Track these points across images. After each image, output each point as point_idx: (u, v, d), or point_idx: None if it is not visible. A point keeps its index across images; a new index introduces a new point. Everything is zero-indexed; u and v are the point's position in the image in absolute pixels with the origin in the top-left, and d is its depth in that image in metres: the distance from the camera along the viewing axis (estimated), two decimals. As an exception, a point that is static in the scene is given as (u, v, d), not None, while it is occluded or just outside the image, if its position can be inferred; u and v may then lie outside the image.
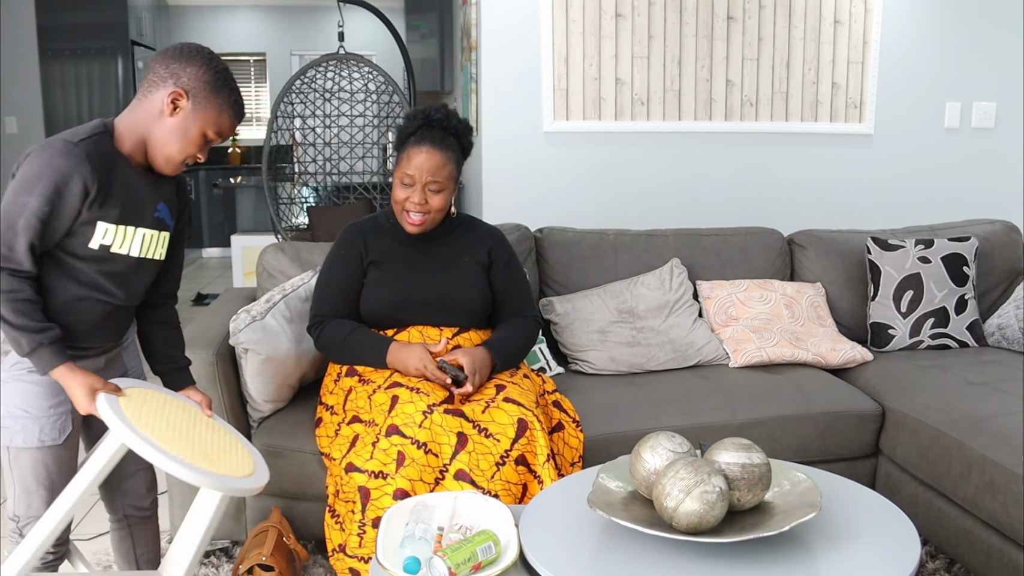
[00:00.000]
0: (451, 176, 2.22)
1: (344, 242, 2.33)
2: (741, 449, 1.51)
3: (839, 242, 3.09)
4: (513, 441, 1.98)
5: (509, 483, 1.95)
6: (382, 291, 2.26)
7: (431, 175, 2.18)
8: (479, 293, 2.30)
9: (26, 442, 1.65)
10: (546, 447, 2.00)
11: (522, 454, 1.98)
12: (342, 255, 2.31)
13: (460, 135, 2.26)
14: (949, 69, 3.79)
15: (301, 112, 4.91)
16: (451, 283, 2.28)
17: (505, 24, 3.46)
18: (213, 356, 2.27)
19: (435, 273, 2.29)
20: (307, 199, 5.44)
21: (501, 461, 1.95)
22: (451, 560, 1.45)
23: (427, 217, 2.22)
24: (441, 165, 2.18)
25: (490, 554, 1.49)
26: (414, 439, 1.94)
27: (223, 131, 1.66)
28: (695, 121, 3.63)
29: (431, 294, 2.26)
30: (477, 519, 1.64)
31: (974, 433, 2.19)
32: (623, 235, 3.01)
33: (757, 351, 2.71)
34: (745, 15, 3.58)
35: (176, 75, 1.61)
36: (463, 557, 1.46)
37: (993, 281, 3.10)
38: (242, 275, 5.29)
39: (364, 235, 2.32)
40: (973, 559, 2.18)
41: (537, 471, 2.00)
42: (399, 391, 2.05)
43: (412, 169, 2.18)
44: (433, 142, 2.18)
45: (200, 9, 8.76)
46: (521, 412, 2.02)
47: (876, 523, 1.57)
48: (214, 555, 2.39)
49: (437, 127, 2.22)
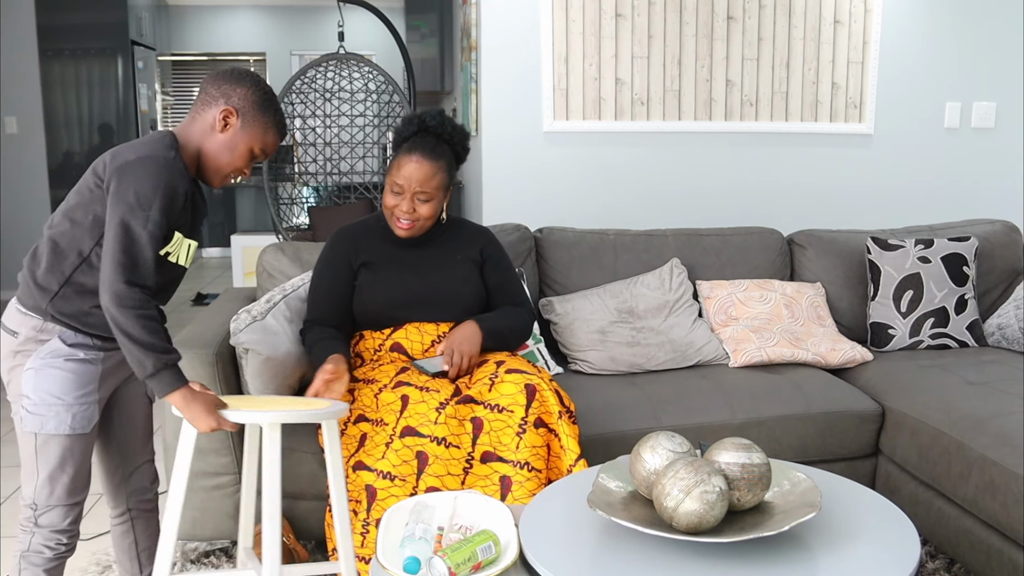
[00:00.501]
0: (440, 186, 2.22)
1: (333, 246, 2.34)
2: (741, 449, 1.51)
3: (839, 242, 3.09)
4: (526, 407, 2.01)
5: (535, 447, 1.98)
6: (376, 291, 2.28)
7: (419, 185, 2.18)
8: (472, 288, 2.32)
9: (57, 429, 1.70)
10: (556, 404, 2.04)
11: (538, 416, 2.02)
12: (330, 259, 2.33)
13: (455, 142, 2.27)
14: (949, 69, 3.79)
15: (301, 112, 4.92)
16: (444, 279, 2.30)
17: (505, 24, 3.46)
18: (213, 356, 2.27)
19: (428, 270, 2.30)
20: (307, 199, 5.44)
21: (521, 430, 1.98)
22: (451, 560, 1.45)
23: (416, 224, 2.24)
24: (430, 175, 2.19)
25: (490, 554, 1.49)
26: (433, 436, 1.96)
27: (267, 148, 1.79)
28: (695, 121, 3.63)
29: (425, 291, 2.28)
30: (477, 519, 1.64)
31: (974, 433, 2.19)
32: (623, 235, 3.01)
33: (757, 351, 2.71)
34: (745, 15, 3.58)
35: (227, 95, 1.74)
36: (463, 557, 1.46)
37: (993, 281, 3.10)
38: (242, 275, 5.29)
39: (354, 238, 2.33)
40: (973, 559, 2.18)
41: (554, 427, 2.03)
42: (408, 391, 2.05)
43: (401, 178, 2.19)
44: (424, 151, 2.19)
45: (200, 9, 8.76)
46: (526, 378, 2.05)
47: (876, 523, 1.57)
48: (214, 555, 2.39)
49: (431, 134, 2.23)
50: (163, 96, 8.49)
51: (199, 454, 2.29)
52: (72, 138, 6.38)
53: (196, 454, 2.28)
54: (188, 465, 1.70)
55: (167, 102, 8.87)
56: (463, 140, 2.29)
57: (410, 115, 2.28)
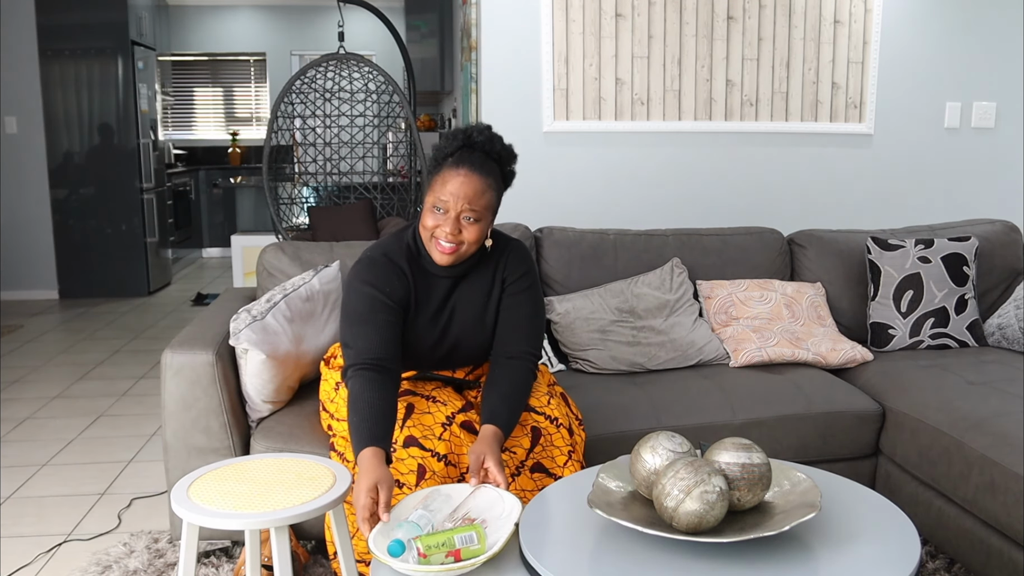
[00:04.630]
0: (489, 205, 1.94)
1: (388, 277, 2.00)
2: (741, 449, 1.51)
3: (839, 242, 3.09)
4: (528, 451, 1.97)
5: (524, 491, 1.94)
6: (404, 342, 2.03)
7: (467, 202, 1.90)
8: None
9: None
10: (566, 445, 1.98)
11: (537, 461, 1.97)
12: (388, 293, 1.99)
13: (503, 161, 2.01)
14: (949, 69, 3.79)
15: (301, 112, 4.92)
16: (469, 333, 2.07)
17: (505, 24, 3.46)
18: (213, 356, 2.27)
19: (456, 325, 2.07)
20: (307, 199, 5.44)
21: (516, 472, 1.95)
22: (423, 542, 1.44)
23: (459, 248, 1.95)
24: (480, 192, 1.91)
25: (471, 544, 1.47)
26: (434, 451, 1.90)
27: None
28: (695, 121, 3.63)
29: (447, 350, 2.08)
30: (486, 513, 1.63)
31: (974, 433, 2.19)
32: (623, 235, 3.01)
33: (757, 351, 2.71)
34: (745, 15, 3.58)
35: None
36: (438, 542, 1.45)
37: (993, 281, 3.10)
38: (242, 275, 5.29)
39: (403, 270, 2.03)
40: (973, 559, 2.18)
41: (557, 473, 1.98)
42: (413, 399, 2.00)
43: (446, 195, 1.90)
44: (472, 166, 1.91)
45: (200, 9, 8.77)
46: (534, 419, 2.00)
47: (876, 523, 1.57)
48: (214, 555, 2.39)
49: (479, 150, 1.96)
50: (163, 96, 8.49)
51: (199, 453, 2.29)
52: (72, 138, 6.38)
53: (196, 453, 2.29)
54: (194, 561, 1.69)
55: (167, 102, 8.87)
56: (511, 160, 2.03)
57: (454, 130, 2.02)
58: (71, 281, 6.46)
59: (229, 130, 9.06)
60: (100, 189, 6.44)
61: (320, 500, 1.61)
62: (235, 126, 9.10)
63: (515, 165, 2.05)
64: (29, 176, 6.34)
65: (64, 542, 2.56)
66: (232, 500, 1.60)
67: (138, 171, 6.50)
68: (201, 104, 9.11)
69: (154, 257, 6.78)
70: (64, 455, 3.27)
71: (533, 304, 2.10)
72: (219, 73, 9.05)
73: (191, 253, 8.63)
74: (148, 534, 2.54)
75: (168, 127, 8.98)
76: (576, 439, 2.13)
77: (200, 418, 2.27)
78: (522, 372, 2.01)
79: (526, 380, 2.01)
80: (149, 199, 6.69)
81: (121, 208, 6.49)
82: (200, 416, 2.27)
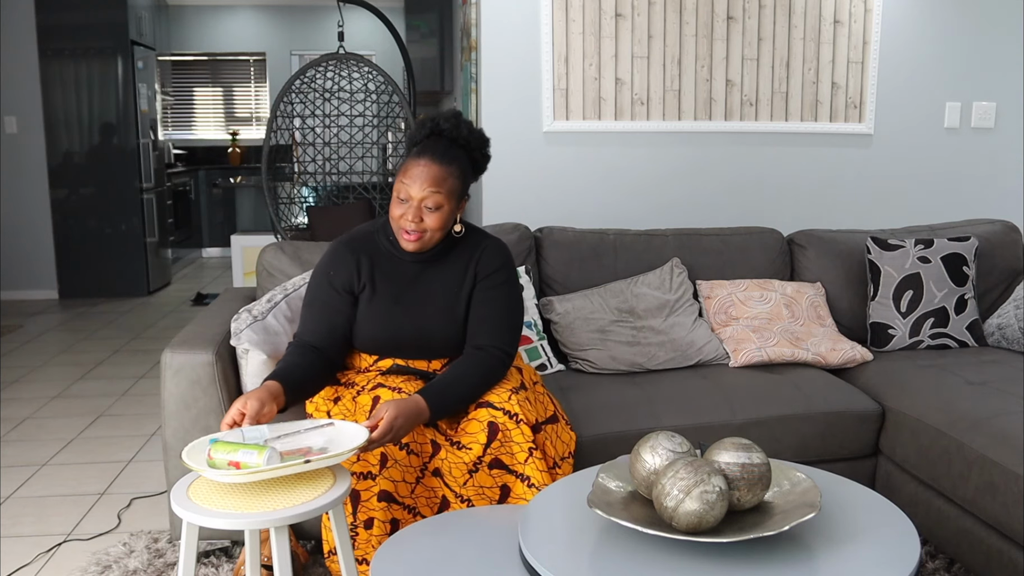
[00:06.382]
0: (451, 192, 2.00)
1: (334, 261, 2.12)
2: (741, 449, 1.51)
3: (839, 242, 3.09)
4: (485, 447, 1.95)
5: (483, 487, 1.94)
6: (367, 326, 2.12)
7: (426, 191, 1.97)
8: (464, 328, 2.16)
9: None
10: (526, 442, 1.95)
11: (496, 457, 1.96)
12: (330, 276, 2.11)
13: (471, 146, 2.06)
14: (949, 69, 3.79)
15: (301, 112, 4.92)
16: (437, 319, 2.10)
17: (505, 24, 3.46)
18: (213, 356, 2.27)
19: (423, 309, 2.10)
20: (307, 199, 5.44)
21: (473, 468, 1.95)
22: (215, 448, 1.59)
23: (423, 236, 2.02)
24: (439, 180, 1.98)
25: (251, 460, 1.58)
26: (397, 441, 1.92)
27: None
28: (695, 121, 3.63)
29: (413, 334, 2.10)
30: (310, 441, 1.74)
31: (974, 433, 2.19)
32: (623, 235, 3.01)
33: (757, 351, 2.71)
34: (745, 15, 3.58)
35: None
36: (226, 450, 1.59)
37: (993, 281, 3.10)
38: (242, 275, 5.29)
39: (356, 253, 2.12)
40: (973, 559, 2.18)
41: (518, 470, 1.96)
42: (381, 391, 2.02)
43: (408, 184, 1.99)
44: (434, 155, 1.99)
45: (200, 9, 8.77)
46: (491, 415, 1.97)
47: (876, 523, 1.57)
48: (214, 555, 2.39)
49: (445, 137, 2.03)
50: (163, 96, 8.49)
51: (199, 454, 2.29)
52: (72, 138, 6.38)
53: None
54: (194, 561, 1.69)
55: (167, 102, 8.86)
56: (481, 144, 2.08)
57: (423, 118, 2.08)
58: (71, 281, 6.47)
59: (229, 130, 9.06)
60: (100, 189, 6.44)
61: (320, 500, 1.61)
62: (235, 126, 9.10)
63: (488, 149, 2.11)
64: (29, 176, 6.34)
65: (64, 542, 2.56)
66: (232, 500, 1.60)
67: (138, 171, 6.50)
68: (201, 104, 9.11)
69: (154, 257, 6.78)
70: (64, 455, 3.27)
71: (507, 300, 2.12)
72: (219, 73, 9.05)
73: (191, 253, 8.64)
74: (148, 534, 2.54)
75: (168, 127, 8.98)
76: (562, 439, 2.10)
77: (200, 418, 2.27)
78: (482, 363, 2.03)
79: (484, 371, 2.02)
80: (149, 199, 6.69)
81: (121, 208, 6.49)
82: (200, 416, 2.27)
